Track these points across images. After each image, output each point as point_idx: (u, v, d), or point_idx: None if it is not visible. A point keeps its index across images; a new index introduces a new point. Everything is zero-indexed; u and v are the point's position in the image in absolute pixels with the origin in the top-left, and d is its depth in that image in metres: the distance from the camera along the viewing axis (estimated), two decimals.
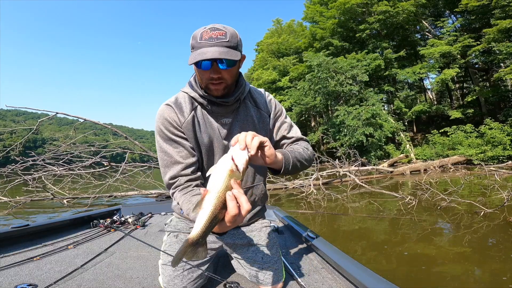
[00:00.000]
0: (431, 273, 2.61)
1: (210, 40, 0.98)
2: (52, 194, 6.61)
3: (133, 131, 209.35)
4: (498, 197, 5.32)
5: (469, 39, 16.48)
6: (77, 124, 8.24)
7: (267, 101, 1.27)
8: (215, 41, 0.98)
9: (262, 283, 1.26)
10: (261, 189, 1.34)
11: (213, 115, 1.16)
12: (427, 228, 4.04)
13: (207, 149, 1.17)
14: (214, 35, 0.98)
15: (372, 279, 1.12)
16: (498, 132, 14.32)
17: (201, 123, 1.14)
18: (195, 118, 1.13)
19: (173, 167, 1.11)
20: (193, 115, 1.12)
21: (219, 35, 0.98)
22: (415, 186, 7.63)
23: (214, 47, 0.97)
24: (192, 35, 1.04)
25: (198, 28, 1.04)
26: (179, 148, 1.12)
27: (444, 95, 27.85)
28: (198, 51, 0.98)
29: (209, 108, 1.14)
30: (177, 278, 1.21)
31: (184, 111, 1.13)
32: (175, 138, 1.12)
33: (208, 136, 1.15)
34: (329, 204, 5.90)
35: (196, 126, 1.13)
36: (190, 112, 1.13)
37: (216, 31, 0.99)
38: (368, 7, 20.22)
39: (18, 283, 1.28)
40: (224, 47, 0.98)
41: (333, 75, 18.79)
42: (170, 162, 1.12)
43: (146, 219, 2.56)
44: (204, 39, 0.99)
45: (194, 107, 1.14)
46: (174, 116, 1.12)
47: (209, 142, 1.16)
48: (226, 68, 1.01)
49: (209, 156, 1.18)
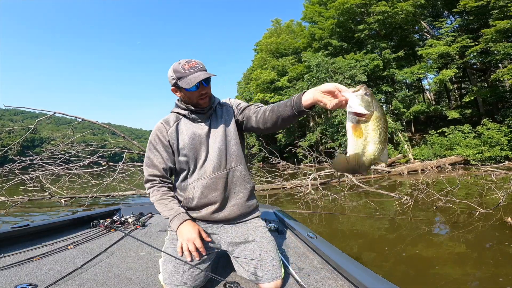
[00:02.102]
0: (428, 273, 2.63)
1: (192, 69, 1.33)
2: (50, 193, 6.59)
3: (132, 130, 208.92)
4: (494, 197, 5.35)
5: (467, 40, 16.55)
6: (75, 123, 8.21)
7: (230, 102, 1.57)
8: (197, 68, 1.33)
9: (261, 280, 1.29)
10: (240, 171, 1.47)
11: (193, 121, 1.47)
12: (423, 228, 4.06)
13: (191, 145, 1.42)
14: (193, 65, 1.34)
15: (372, 279, 1.13)
16: (496, 132, 14.39)
17: (183, 129, 1.45)
18: (178, 127, 1.46)
19: (151, 168, 1.45)
20: (176, 125, 1.46)
21: (195, 64, 1.34)
22: (412, 186, 7.66)
23: (198, 72, 1.33)
24: (173, 70, 1.36)
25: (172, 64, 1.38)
26: (157, 156, 1.44)
27: (442, 96, 27.95)
28: (190, 77, 1.31)
29: (190, 116, 1.45)
30: (177, 274, 1.24)
31: (170, 122, 1.47)
32: (156, 148, 1.45)
33: (188, 136, 1.43)
34: (326, 204, 5.92)
35: (178, 132, 1.45)
36: (174, 123, 1.46)
37: (191, 62, 1.35)
38: (367, 7, 20.27)
39: (18, 283, 1.28)
40: (204, 71, 1.35)
41: (331, 75, 18.83)
42: (150, 164, 1.45)
43: (146, 219, 2.56)
44: (187, 69, 1.33)
45: (178, 119, 1.48)
46: (163, 128, 1.45)
47: (191, 140, 1.42)
48: (207, 85, 1.40)
49: (194, 150, 1.42)
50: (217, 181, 1.40)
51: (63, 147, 7.12)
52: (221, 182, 1.41)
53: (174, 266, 1.26)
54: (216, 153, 1.42)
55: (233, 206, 1.44)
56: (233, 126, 1.49)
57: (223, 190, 1.42)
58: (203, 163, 1.42)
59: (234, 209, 1.44)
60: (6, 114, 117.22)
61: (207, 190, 1.40)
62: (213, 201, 1.41)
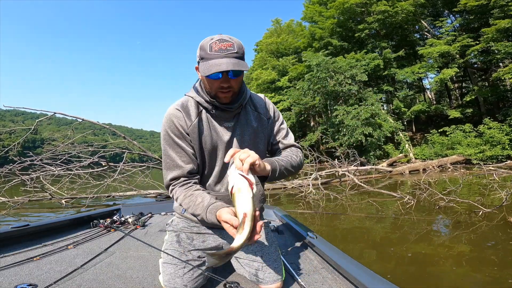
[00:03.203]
0: (430, 273, 2.62)
1: (220, 52, 1.02)
2: (50, 194, 6.59)
3: (132, 131, 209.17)
4: (497, 196, 5.33)
5: (468, 39, 16.53)
6: (76, 124, 8.21)
7: (266, 105, 1.33)
8: (225, 53, 1.02)
9: (262, 282, 1.28)
10: (259, 189, 1.34)
11: (217, 119, 1.21)
12: (425, 228, 4.05)
13: (210, 151, 1.22)
14: (223, 47, 1.02)
15: (372, 279, 1.12)
16: (497, 131, 14.36)
17: (205, 127, 1.19)
18: (200, 122, 1.19)
19: (174, 170, 1.19)
20: (198, 119, 1.18)
21: (228, 46, 1.03)
22: (414, 185, 7.64)
23: (225, 58, 1.01)
24: (200, 46, 1.08)
25: (205, 38, 1.08)
26: (181, 153, 1.18)
27: (443, 95, 27.92)
28: (211, 62, 1.02)
29: (213, 112, 1.19)
30: (177, 277, 1.22)
31: (191, 115, 1.18)
32: (179, 143, 1.18)
33: (211, 139, 1.20)
34: (328, 204, 5.90)
35: (201, 130, 1.19)
36: (196, 116, 1.18)
37: (224, 43, 1.03)
38: (367, 7, 20.26)
39: (18, 283, 1.28)
40: (234, 58, 1.03)
41: (332, 75, 18.82)
42: (172, 165, 1.19)
43: (146, 219, 2.56)
44: (214, 51, 1.02)
45: (199, 111, 1.19)
46: (182, 120, 1.17)
47: (212, 144, 1.21)
48: (235, 78, 1.08)
49: (211, 157, 1.23)
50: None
51: (64, 147, 7.12)
52: None
53: (173, 268, 1.24)
54: None
55: None
56: (264, 141, 1.28)
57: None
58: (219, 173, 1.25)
59: None
60: (7, 115, 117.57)
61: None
62: None
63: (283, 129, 1.35)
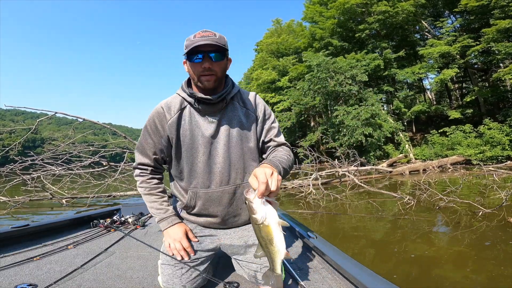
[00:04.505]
0: (430, 273, 2.62)
1: (202, 38, 1.12)
2: (51, 194, 6.60)
3: (132, 130, 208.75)
4: (497, 197, 5.33)
5: (468, 39, 16.49)
6: (76, 123, 8.21)
7: (256, 102, 1.35)
8: (207, 38, 1.12)
9: (261, 283, 1.28)
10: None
11: (201, 113, 1.25)
12: (425, 228, 4.05)
13: (189, 145, 1.25)
14: (205, 34, 1.14)
15: (372, 279, 1.12)
16: (497, 132, 14.34)
17: (186, 121, 1.25)
18: (181, 117, 1.25)
19: (142, 156, 1.31)
20: (179, 114, 1.24)
21: (209, 34, 1.14)
22: (414, 186, 7.64)
23: (206, 41, 1.11)
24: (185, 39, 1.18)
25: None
26: (150, 145, 1.29)
27: (443, 95, 27.88)
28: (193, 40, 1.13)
29: (197, 106, 1.23)
30: (176, 278, 1.22)
31: (172, 111, 1.25)
32: (152, 137, 1.28)
33: (190, 132, 1.24)
34: (328, 204, 5.91)
35: (180, 124, 1.25)
36: (177, 111, 1.25)
37: (207, 32, 1.15)
38: (367, 7, 20.21)
39: (18, 283, 1.28)
40: (215, 42, 1.12)
41: (332, 75, 18.78)
42: (142, 151, 1.31)
43: (146, 219, 2.56)
44: (197, 37, 1.13)
45: (182, 107, 1.26)
46: (162, 115, 1.25)
47: (192, 138, 1.25)
48: (216, 60, 1.16)
49: (192, 151, 1.26)
50: (222, 195, 1.27)
51: (64, 147, 7.12)
52: (227, 198, 1.28)
53: (172, 269, 1.24)
54: (226, 163, 1.25)
55: (236, 221, 1.36)
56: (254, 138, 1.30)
57: (227, 205, 1.29)
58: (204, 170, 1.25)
59: (237, 223, 1.37)
60: (7, 114, 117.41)
61: (209, 203, 1.28)
62: (214, 215, 1.31)
63: (274, 127, 1.37)
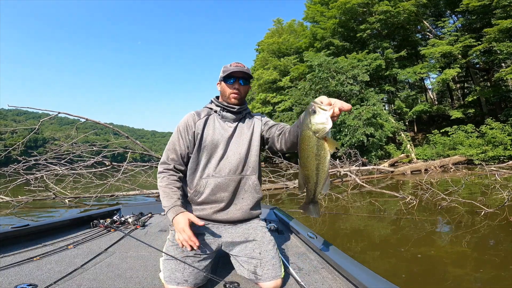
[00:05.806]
0: (431, 273, 2.61)
1: (236, 67, 1.49)
2: (54, 193, 6.61)
3: (134, 130, 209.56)
4: (499, 197, 5.31)
5: (470, 39, 16.43)
6: (78, 124, 8.26)
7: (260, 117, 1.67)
8: (239, 68, 1.49)
9: (260, 279, 1.31)
10: (253, 180, 1.51)
11: (222, 120, 1.55)
12: (427, 228, 4.03)
13: (211, 141, 1.48)
14: (238, 65, 1.51)
15: (372, 279, 1.12)
16: (499, 132, 14.29)
17: (211, 123, 1.53)
18: (207, 120, 1.53)
19: (171, 152, 1.50)
20: (206, 118, 1.54)
21: (240, 65, 1.52)
22: (415, 186, 7.61)
23: (239, 69, 1.48)
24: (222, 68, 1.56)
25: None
26: (180, 141, 1.50)
27: (445, 95, 27.80)
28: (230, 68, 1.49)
29: (221, 113, 1.55)
30: (178, 272, 1.26)
31: (201, 115, 1.54)
32: (182, 134, 1.50)
33: (213, 133, 1.49)
34: (329, 204, 5.90)
35: (206, 125, 1.51)
36: (205, 116, 1.54)
37: (239, 64, 1.53)
38: (368, 7, 20.18)
39: (18, 283, 1.28)
40: (244, 71, 1.50)
41: (333, 75, 18.75)
42: (171, 148, 1.51)
43: (146, 219, 2.57)
44: (232, 66, 1.51)
45: (209, 114, 1.56)
46: (191, 119, 1.52)
47: (213, 136, 1.49)
48: (244, 84, 1.53)
49: (212, 145, 1.48)
50: (229, 182, 1.45)
51: (67, 147, 7.15)
52: (233, 185, 1.46)
53: (175, 264, 1.28)
54: (236, 157, 1.48)
55: (237, 210, 1.47)
56: (258, 138, 1.57)
57: (232, 192, 1.46)
58: (218, 162, 1.46)
59: (238, 213, 1.47)
60: (9, 114, 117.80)
61: (218, 188, 1.44)
62: (220, 200, 1.44)
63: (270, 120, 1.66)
